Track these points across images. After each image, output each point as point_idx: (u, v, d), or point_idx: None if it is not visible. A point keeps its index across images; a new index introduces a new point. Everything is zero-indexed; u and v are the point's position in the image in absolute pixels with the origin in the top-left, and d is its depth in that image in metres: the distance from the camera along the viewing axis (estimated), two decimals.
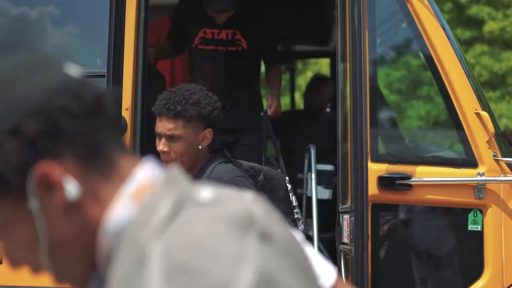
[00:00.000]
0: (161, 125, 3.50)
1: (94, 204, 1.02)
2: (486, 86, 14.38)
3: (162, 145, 3.51)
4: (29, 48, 4.28)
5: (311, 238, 4.89)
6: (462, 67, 3.94)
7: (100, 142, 1.04)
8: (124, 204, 1.02)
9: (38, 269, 1.07)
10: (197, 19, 4.95)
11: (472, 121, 3.85)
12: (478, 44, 14.83)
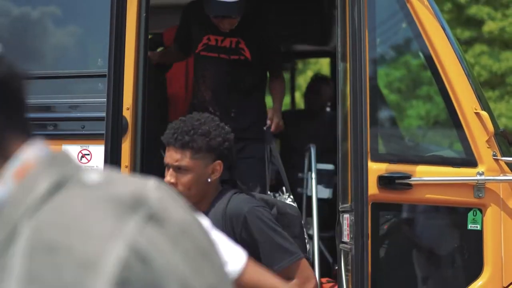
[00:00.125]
0: (168, 155, 3.37)
1: None
2: (486, 86, 14.38)
3: (169, 176, 3.36)
4: (30, 48, 4.29)
5: (311, 237, 4.89)
6: (462, 67, 3.94)
7: None
8: (4, 182, 1.01)
9: None
10: (202, 24, 4.81)
11: (471, 121, 3.85)
12: (477, 44, 14.84)
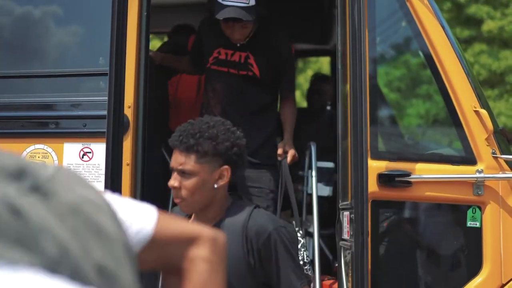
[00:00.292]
0: (173, 158, 3.26)
1: None
2: (485, 85, 14.40)
3: (173, 180, 3.24)
4: (31, 47, 4.30)
5: (311, 235, 4.90)
6: (462, 65, 3.96)
7: None
8: None
9: None
10: (215, 37, 4.66)
11: (471, 119, 3.87)
12: (477, 43, 14.85)
